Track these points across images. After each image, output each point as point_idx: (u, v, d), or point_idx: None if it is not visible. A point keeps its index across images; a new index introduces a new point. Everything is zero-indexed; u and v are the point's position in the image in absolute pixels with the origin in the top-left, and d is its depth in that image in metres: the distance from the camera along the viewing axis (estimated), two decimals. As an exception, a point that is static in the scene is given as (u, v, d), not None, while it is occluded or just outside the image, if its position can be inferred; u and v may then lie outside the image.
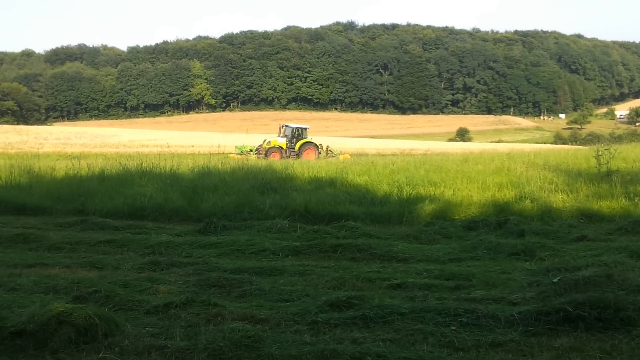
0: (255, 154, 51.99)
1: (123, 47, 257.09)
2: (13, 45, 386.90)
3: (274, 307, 7.23)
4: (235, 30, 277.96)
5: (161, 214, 14.71)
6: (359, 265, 9.55)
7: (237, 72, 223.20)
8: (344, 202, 15.12)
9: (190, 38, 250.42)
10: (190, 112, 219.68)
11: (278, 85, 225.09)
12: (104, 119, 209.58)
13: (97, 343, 5.82)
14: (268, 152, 52.23)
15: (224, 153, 55.14)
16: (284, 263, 9.65)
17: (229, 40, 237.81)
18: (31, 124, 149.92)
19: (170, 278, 8.65)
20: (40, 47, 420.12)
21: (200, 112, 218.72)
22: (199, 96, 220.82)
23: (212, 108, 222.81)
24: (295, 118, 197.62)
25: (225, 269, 9.15)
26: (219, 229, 12.55)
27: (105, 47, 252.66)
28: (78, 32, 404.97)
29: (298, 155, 51.32)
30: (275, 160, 41.52)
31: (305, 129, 56.22)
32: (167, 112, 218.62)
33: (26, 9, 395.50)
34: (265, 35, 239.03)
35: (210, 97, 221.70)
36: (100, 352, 5.66)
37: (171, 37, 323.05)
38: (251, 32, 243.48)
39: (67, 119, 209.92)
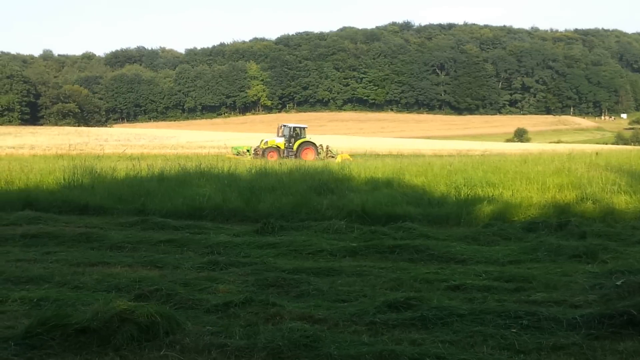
0: (252, 154, 51.54)
1: (181, 50, 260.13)
2: (74, 48, 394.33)
3: (331, 307, 7.25)
4: (291, 31, 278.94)
5: (219, 214, 14.83)
6: (417, 267, 9.52)
7: (293, 73, 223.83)
8: (401, 202, 15.08)
9: (247, 40, 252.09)
10: (247, 114, 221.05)
11: (334, 87, 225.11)
12: (162, 120, 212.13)
13: (159, 341, 5.89)
14: (265, 152, 51.71)
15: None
16: (342, 264, 9.67)
17: (284, 41, 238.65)
18: (92, 126, 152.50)
19: (229, 277, 8.74)
20: (101, 50, 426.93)
21: (257, 114, 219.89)
22: (255, 97, 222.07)
23: (268, 109, 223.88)
24: (351, 119, 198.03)
25: (283, 269, 9.21)
26: (276, 229, 12.60)
27: (163, 50, 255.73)
28: (137, 35, 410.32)
29: (296, 155, 50.85)
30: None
31: (304, 128, 55.62)
32: (224, 114, 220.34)
33: (87, 13, 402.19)
34: (321, 36, 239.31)
35: (266, 98, 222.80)
36: (161, 350, 5.74)
37: (228, 39, 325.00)
38: (307, 33, 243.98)
39: (127, 120, 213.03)
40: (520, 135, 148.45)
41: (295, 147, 52.12)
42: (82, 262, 9.84)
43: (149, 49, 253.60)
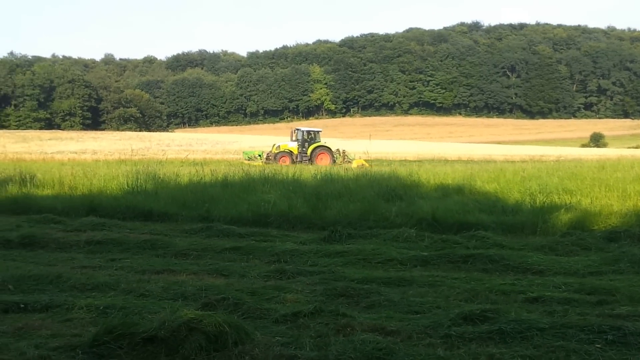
0: (264, 159, 51.16)
1: (243, 53, 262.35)
2: (136, 52, 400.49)
3: (404, 318, 7.19)
4: (356, 33, 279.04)
5: (285, 221, 14.87)
6: (492, 277, 9.41)
7: (358, 76, 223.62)
8: (473, 210, 14.92)
9: (310, 42, 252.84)
10: (310, 118, 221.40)
11: (399, 90, 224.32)
12: (224, 125, 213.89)
13: (228, 351, 5.89)
14: (277, 157, 51.28)
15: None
16: (412, 273, 9.59)
17: (349, 43, 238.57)
18: (153, 131, 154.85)
19: (297, 287, 8.73)
20: (162, 53, 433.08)
21: (320, 118, 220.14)
22: (319, 101, 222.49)
23: (332, 114, 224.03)
24: (418, 123, 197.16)
25: (352, 278, 9.17)
26: (344, 237, 12.58)
27: (225, 53, 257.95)
28: (199, 38, 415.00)
29: (310, 160, 50.31)
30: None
31: (318, 132, 54.83)
32: (287, 118, 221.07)
33: (149, 17, 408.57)
34: (387, 37, 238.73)
35: (330, 102, 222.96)
36: (230, 360, 5.75)
37: (291, 42, 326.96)
38: (372, 34, 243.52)
39: (188, 125, 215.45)
40: (597, 140, 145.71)
41: (309, 151, 51.69)
42: (147, 269, 9.96)
43: (211, 52, 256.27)
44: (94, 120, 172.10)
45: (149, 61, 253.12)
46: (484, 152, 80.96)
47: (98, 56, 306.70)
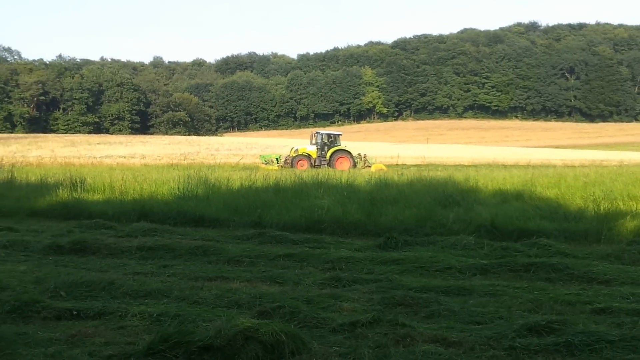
0: (281, 163, 51.08)
1: (293, 55, 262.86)
2: (185, 55, 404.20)
3: (465, 329, 7.10)
4: (408, 34, 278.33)
5: (339, 227, 14.84)
6: (555, 287, 9.26)
7: (410, 78, 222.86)
8: (533, 217, 14.76)
9: (362, 44, 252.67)
10: (361, 122, 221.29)
11: (453, 92, 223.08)
12: (273, 129, 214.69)
13: (284, 361, 5.88)
14: (294, 160, 51.12)
15: (397, 164, 54.98)
16: (472, 282, 9.49)
17: (401, 45, 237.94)
18: (202, 135, 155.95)
19: (353, 295, 8.68)
20: (211, 56, 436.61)
21: (372, 122, 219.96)
22: (370, 105, 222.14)
23: (384, 117, 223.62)
24: (472, 127, 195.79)
25: (410, 287, 9.09)
26: (400, 244, 12.51)
27: (275, 56, 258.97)
28: (249, 40, 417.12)
29: (329, 164, 49.82)
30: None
31: (338, 135, 54.50)
32: (338, 122, 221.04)
33: (197, 19, 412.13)
34: (440, 38, 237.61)
35: (382, 105, 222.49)
36: (288, 371, 5.73)
37: (342, 44, 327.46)
38: (425, 35, 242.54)
39: (237, 129, 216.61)
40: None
41: (328, 155, 51.37)
42: (200, 276, 9.99)
43: (261, 54, 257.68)
44: (142, 124, 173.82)
45: (198, 64, 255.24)
46: (542, 156, 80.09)
47: (147, 59, 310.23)
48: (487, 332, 6.90)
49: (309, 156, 51.90)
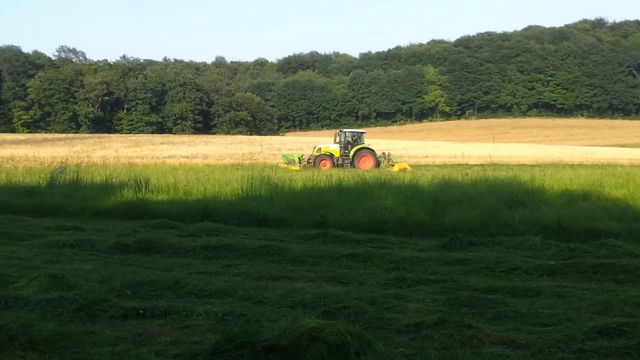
0: (303, 163, 50.51)
1: (355, 54, 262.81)
2: (247, 54, 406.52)
3: (532, 331, 7.01)
4: (472, 32, 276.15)
5: (402, 227, 14.77)
6: (625, 288, 9.08)
7: (473, 77, 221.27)
8: (601, 217, 14.54)
9: (424, 42, 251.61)
10: (424, 121, 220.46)
11: (517, 91, 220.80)
12: (335, 128, 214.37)
13: (350, 361, 5.87)
14: (317, 160, 50.51)
15: (460, 164, 54.56)
16: (539, 283, 9.37)
17: (464, 43, 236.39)
18: (264, 134, 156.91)
19: (418, 296, 8.63)
20: (273, 56, 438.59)
21: (434, 120, 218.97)
22: (433, 103, 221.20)
23: (447, 116, 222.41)
24: (537, 126, 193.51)
25: (476, 287, 9.01)
26: (464, 244, 12.41)
27: (337, 55, 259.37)
28: (310, 40, 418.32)
29: (352, 163, 49.29)
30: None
31: (362, 133, 53.80)
32: (399, 121, 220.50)
33: (259, 19, 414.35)
34: (504, 36, 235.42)
35: (444, 104, 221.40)
36: (353, 372, 5.72)
37: (404, 42, 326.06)
38: (488, 33, 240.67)
39: (299, 128, 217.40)
40: None
41: (351, 154, 50.79)
42: (264, 275, 10.03)
43: (322, 54, 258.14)
44: (205, 124, 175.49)
45: (260, 64, 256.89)
46: (608, 155, 78.88)
47: (209, 59, 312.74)
48: (556, 335, 6.79)
49: (331, 155, 51.62)
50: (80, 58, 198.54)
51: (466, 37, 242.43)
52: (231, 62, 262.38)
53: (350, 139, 52.73)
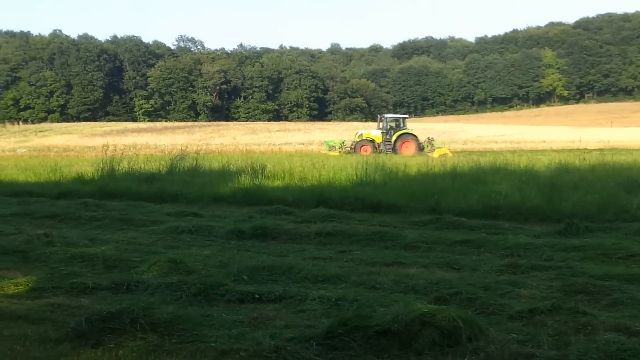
0: (345, 149, 49.78)
1: (471, 38, 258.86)
2: (361, 41, 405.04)
3: (651, 319, 6.85)
4: (591, 13, 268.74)
5: (517, 213, 14.57)
6: None
7: (593, 60, 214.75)
8: None
9: (542, 25, 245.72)
10: (541, 105, 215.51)
11: (639, 73, 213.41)
12: (450, 114, 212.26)
13: (461, 347, 5.84)
14: (357, 146, 49.68)
15: (578, 149, 53.31)
16: (658, 270, 9.14)
17: (583, 25, 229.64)
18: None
19: (531, 282, 8.55)
20: (388, 42, 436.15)
21: (552, 105, 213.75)
22: (550, 88, 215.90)
23: (565, 100, 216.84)
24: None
25: (591, 274, 8.85)
26: (580, 230, 12.18)
27: (452, 39, 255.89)
28: (425, 24, 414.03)
29: (394, 149, 48.16)
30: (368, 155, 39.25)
31: (404, 119, 52.54)
32: (516, 106, 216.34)
33: (374, 4, 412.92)
34: (625, 17, 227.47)
35: (562, 88, 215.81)
36: (465, 357, 5.69)
37: (521, 25, 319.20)
38: (609, 14, 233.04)
39: (414, 114, 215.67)
40: None
41: (393, 139, 49.92)
42: (377, 261, 10.10)
43: (437, 38, 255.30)
44: (320, 111, 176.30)
45: (375, 50, 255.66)
46: None
47: (324, 46, 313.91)
48: (674, 323, 6.63)
49: (372, 141, 51.21)
50: (199, 47, 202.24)
51: (585, 18, 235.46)
52: (346, 48, 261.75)
53: (392, 124, 52.40)
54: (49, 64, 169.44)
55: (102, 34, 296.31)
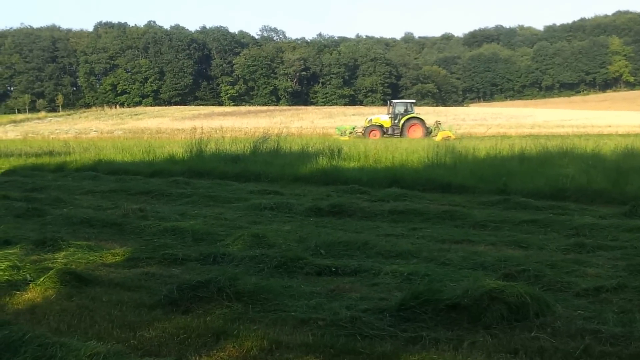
0: (354, 134, 49.28)
1: (539, 27, 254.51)
2: (434, 29, 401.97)
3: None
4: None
5: (583, 195, 14.33)
6: None
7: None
8: None
9: (609, 13, 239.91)
10: (607, 91, 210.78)
11: None
12: (518, 99, 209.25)
13: (529, 322, 5.77)
14: (366, 131, 49.20)
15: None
16: None
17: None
18: (449, 106, 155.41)
19: (597, 261, 8.38)
20: (459, 30, 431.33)
21: (618, 91, 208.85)
22: (617, 74, 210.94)
23: (631, 86, 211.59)
24: None
25: (659, 254, 8.65)
26: (646, 212, 11.92)
27: (521, 28, 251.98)
28: (495, 13, 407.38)
29: (402, 133, 47.46)
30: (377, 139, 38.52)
31: (412, 103, 52.08)
32: (583, 92, 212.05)
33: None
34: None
35: (629, 74, 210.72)
36: (532, 331, 5.60)
37: (589, 13, 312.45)
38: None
39: (483, 100, 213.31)
40: None
41: (401, 123, 49.29)
42: (446, 239, 10.05)
43: (507, 27, 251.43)
44: (393, 96, 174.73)
45: (447, 38, 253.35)
46: None
47: (398, 35, 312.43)
48: None
49: (381, 126, 51.01)
50: (281, 37, 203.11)
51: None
52: (419, 37, 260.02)
53: (401, 110, 51.97)
54: (143, 53, 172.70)
55: (192, 25, 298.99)
